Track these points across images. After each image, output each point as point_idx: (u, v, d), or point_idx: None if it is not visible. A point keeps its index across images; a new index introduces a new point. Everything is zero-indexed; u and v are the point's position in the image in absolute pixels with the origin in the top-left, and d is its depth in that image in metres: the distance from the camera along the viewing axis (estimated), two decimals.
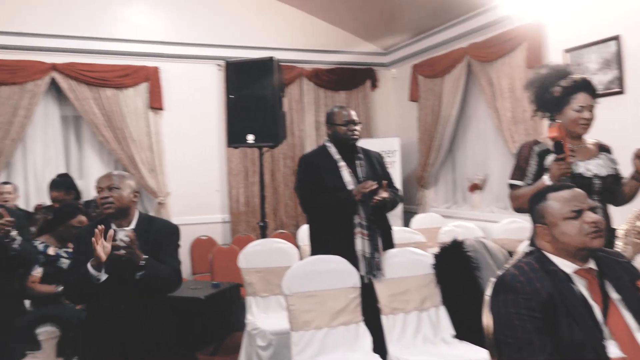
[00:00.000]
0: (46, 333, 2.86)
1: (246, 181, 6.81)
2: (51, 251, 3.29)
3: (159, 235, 2.59)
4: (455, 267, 3.23)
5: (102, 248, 2.32)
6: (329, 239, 3.24)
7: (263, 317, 3.67)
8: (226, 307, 4.58)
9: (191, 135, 6.55)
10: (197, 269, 6.25)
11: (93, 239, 2.29)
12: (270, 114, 4.56)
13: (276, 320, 3.54)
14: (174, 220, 6.33)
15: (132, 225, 2.53)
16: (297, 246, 4.46)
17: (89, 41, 6.09)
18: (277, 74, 4.60)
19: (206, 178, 6.67)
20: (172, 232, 2.69)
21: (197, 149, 6.59)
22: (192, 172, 6.56)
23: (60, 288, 3.18)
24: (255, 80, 4.64)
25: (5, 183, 5.12)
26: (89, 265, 2.35)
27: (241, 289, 4.65)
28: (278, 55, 5.26)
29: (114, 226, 2.50)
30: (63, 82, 5.92)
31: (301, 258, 3.97)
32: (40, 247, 3.27)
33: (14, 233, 2.81)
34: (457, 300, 3.17)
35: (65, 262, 3.33)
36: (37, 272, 3.21)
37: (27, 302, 3.28)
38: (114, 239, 2.36)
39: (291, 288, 2.98)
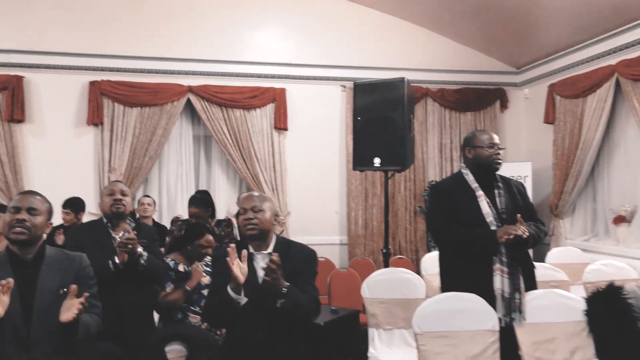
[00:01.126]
0: (174, 352, 2.90)
1: (365, 203, 6.68)
2: (181, 268, 3.35)
3: (298, 260, 2.47)
4: (612, 316, 2.80)
5: (239, 269, 2.24)
6: (464, 275, 2.95)
7: (386, 351, 3.47)
8: (345, 334, 4.44)
9: (313, 156, 6.58)
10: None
11: (227, 259, 2.23)
12: (399, 137, 4.38)
13: (401, 356, 3.33)
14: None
15: (270, 249, 2.44)
16: (421, 275, 4.22)
17: (221, 64, 6.37)
18: (407, 95, 4.43)
19: (325, 199, 6.64)
20: (311, 258, 2.56)
21: (318, 170, 6.60)
22: (312, 193, 6.57)
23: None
24: (384, 101, 4.50)
25: (146, 196, 5.45)
26: (228, 288, 2.29)
27: (360, 315, 4.50)
28: (402, 75, 5.09)
29: (251, 249, 2.45)
30: (197, 103, 6.23)
31: (427, 290, 3.72)
32: (171, 264, 3.35)
33: (139, 249, 2.90)
34: (615, 354, 2.74)
35: None
36: (170, 288, 3.29)
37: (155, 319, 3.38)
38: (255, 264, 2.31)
39: (422, 326, 2.75)
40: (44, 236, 2.20)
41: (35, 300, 2.03)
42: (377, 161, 4.54)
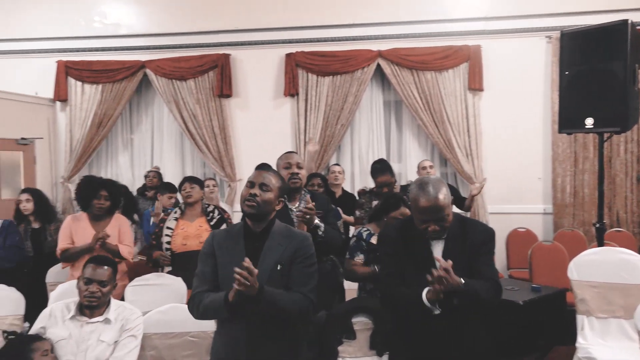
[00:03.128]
0: (361, 323, 2.90)
1: (575, 168, 5.92)
2: (373, 240, 3.31)
3: (476, 241, 2.28)
4: None
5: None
6: None
7: (599, 343, 3.01)
8: (548, 315, 4.00)
9: (512, 117, 6.01)
10: (513, 263, 5.74)
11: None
12: (619, 92, 3.67)
13: (617, 351, 2.86)
14: (490, 208, 6.02)
15: (446, 232, 2.26)
16: None
17: (410, 25, 6.13)
18: (632, 41, 3.67)
19: (527, 164, 6.05)
20: (490, 238, 2.34)
21: (518, 132, 6.02)
22: (511, 157, 6.03)
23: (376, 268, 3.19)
24: (599, 51, 3.80)
25: (336, 165, 5.57)
26: (423, 295, 2.21)
27: (567, 294, 4.00)
28: (624, 17, 4.25)
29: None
30: (387, 68, 6.11)
31: None
32: (364, 234, 3.32)
33: (317, 221, 2.89)
34: None
35: None
36: (359, 258, 3.28)
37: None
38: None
39: None
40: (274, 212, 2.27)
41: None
42: (589, 122, 3.89)
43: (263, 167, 2.31)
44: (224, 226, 3.70)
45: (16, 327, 3.17)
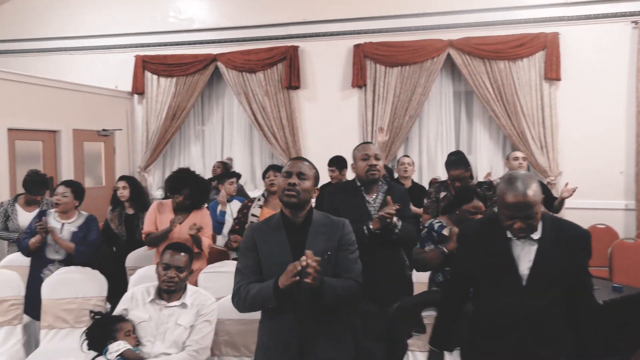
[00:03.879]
0: (431, 317, 2.85)
1: None
2: (445, 232, 3.24)
3: (572, 244, 2.12)
4: None
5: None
6: None
7: None
8: (631, 316, 3.79)
9: (592, 108, 5.71)
10: (591, 261, 5.45)
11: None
12: None
13: None
14: (567, 203, 5.75)
15: (539, 234, 2.14)
16: None
17: (483, 13, 5.94)
18: None
19: (608, 157, 5.72)
20: (585, 240, 2.16)
21: (598, 124, 5.70)
22: (590, 150, 5.73)
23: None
24: None
25: (406, 156, 5.48)
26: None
27: None
28: None
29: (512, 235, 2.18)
30: (457, 58, 5.96)
31: None
32: (436, 225, 3.27)
33: (394, 219, 2.84)
34: None
35: None
36: (429, 248, 3.23)
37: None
38: None
39: None
40: (312, 201, 2.31)
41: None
42: None
43: (297, 158, 2.31)
44: None
45: (100, 308, 3.37)
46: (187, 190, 3.68)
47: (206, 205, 4.36)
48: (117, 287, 3.60)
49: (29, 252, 3.68)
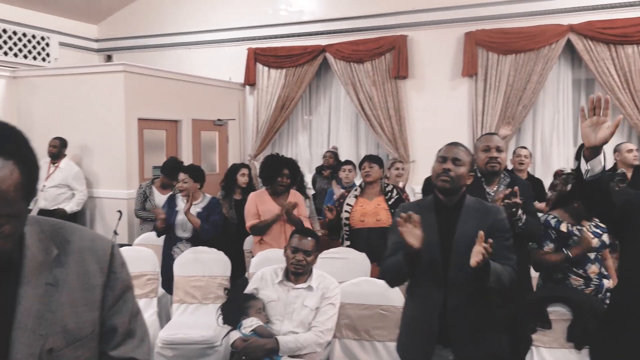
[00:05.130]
0: (558, 313, 2.76)
1: None
2: (563, 227, 3.11)
3: None
4: None
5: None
6: None
7: None
8: None
9: None
10: None
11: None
12: None
13: None
14: None
15: None
16: None
17: None
18: None
19: None
20: None
21: None
22: None
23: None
24: None
25: (522, 147, 5.27)
26: None
27: None
28: None
29: None
30: (579, 43, 5.63)
31: None
32: (552, 222, 3.14)
33: (519, 212, 2.75)
34: None
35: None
36: (549, 247, 3.12)
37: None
38: None
39: None
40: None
41: (453, 244, 2.17)
42: None
43: (454, 144, 2.29)
44: None
45: (225, 286, 3.62)
46: (286, 169, 3.91)
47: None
48: (236, 269, 3.87)
49: (159, 232, 4.06)
